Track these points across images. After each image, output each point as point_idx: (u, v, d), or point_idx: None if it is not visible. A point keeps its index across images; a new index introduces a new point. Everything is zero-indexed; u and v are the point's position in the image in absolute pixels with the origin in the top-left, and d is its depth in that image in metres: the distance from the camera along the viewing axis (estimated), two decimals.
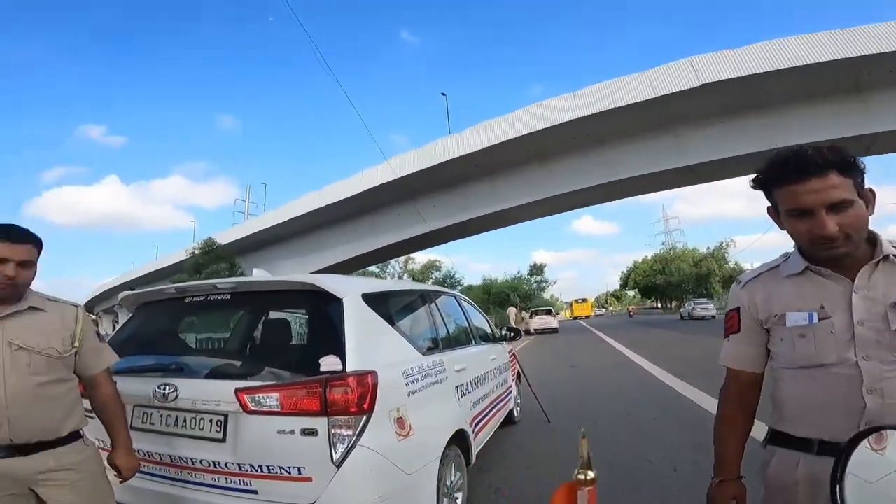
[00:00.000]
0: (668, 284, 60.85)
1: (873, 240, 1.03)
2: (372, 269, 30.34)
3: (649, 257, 68.93)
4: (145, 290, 2.64)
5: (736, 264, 56.93)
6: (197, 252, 24.39)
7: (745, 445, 1.21)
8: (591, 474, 0.39)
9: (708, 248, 61.29)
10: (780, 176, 1.00)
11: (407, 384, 2.22)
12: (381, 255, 26.86)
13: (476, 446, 3.00)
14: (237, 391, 1.95)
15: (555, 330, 25.40)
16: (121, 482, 1.76)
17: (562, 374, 8.79)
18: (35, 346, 1.50)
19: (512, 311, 29.75)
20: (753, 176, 1.07)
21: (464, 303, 4.08)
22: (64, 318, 1.62)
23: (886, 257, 1.01)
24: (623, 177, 17.57)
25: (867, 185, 0.99)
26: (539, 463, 3.60)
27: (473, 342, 3.78)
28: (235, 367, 2.22)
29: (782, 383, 1.13)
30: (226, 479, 1.97)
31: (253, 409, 1.92)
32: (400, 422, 2.07)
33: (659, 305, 73.04)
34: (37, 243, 1.55)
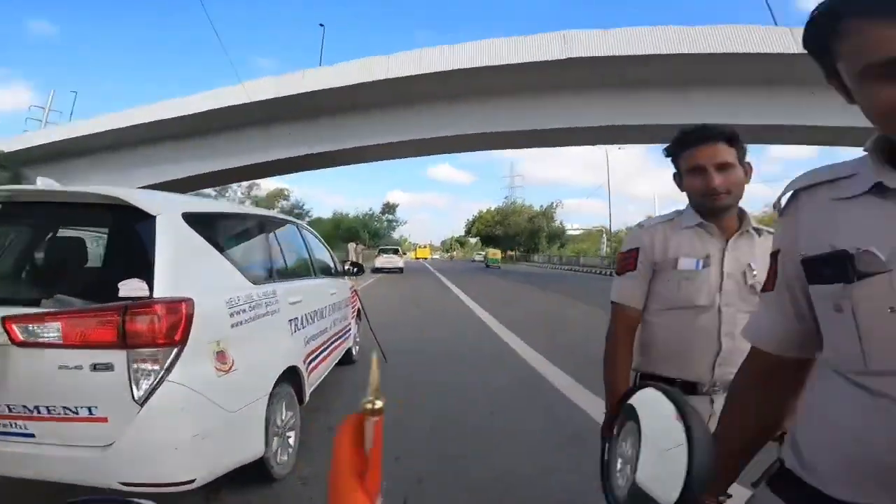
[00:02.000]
0: (505, 235, 65.76)
1: (742, 216, 1.28)
2: (208, 191, 27.43)
3: (493, 209, 72.91)
4: None
5: (561, 223, 64.39)
6: None
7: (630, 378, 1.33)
8: (378, 403, 0.35)
9: (541, 206, 67.59)
10: (684, 143, 1.25)
11: (231, 314, 2.02)
12: (222, 178, 24.46)
13: (310, 385, 2.88)
14: (5, 320, 1.65)
15: (400, 270, 25.12)
16: None
17: (407, 315, 9.03)
18: None
19: (351, 246, 29.46)
20: (666, 146, 1.30)
21: (305, 232, 3.82)
22: None
23: (748, 230, 1.27)
24: (485, 130, 18.61)
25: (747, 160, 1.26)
26: None
27: (313, 275, 3.58)
28: (8, 292, 1.93)
29: (653, 326, 1.30)
30: None
31: (25, 340, 1.65)
32: (221, 356, 1.89)
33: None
34: None
